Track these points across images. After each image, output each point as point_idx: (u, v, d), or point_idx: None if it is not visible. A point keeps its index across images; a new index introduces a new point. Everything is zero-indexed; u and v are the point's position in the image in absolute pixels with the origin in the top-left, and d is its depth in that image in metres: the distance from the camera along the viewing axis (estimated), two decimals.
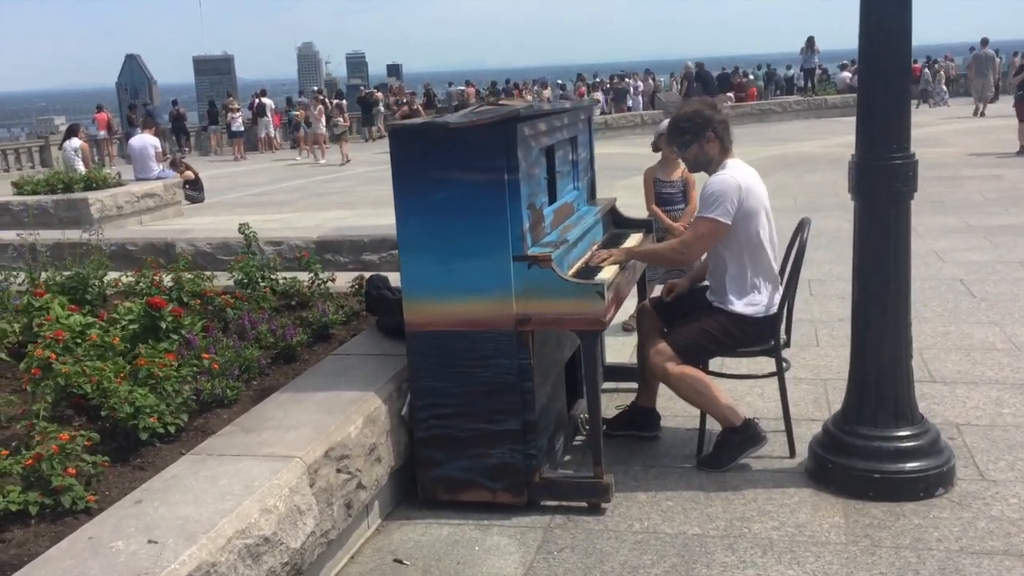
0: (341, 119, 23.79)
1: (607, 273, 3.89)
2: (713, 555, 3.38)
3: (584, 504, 3.76)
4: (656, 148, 6.05)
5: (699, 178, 4.40)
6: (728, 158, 4.09)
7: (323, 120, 23.98)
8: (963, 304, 6.54)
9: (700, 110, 4.11)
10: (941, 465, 3.73)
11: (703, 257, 4.25)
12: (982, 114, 23.73)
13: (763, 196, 4.04)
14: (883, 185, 3.64)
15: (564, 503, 3.80)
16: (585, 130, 4.76)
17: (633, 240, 4.68)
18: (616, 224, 4.97)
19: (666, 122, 4.94)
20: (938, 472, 3.71)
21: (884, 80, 3.60)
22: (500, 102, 4.17)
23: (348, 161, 21.84)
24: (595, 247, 4.34)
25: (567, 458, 4.29)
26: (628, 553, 3.43)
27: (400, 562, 3.46)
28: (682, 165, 5.37)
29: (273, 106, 29.29)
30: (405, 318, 3.73)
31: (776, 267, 4.15)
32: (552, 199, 4.14)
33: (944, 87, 30.66)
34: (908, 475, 3.68)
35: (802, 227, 4.21)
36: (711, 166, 4.09)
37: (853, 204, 3.79)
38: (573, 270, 3.91)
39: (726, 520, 3.63)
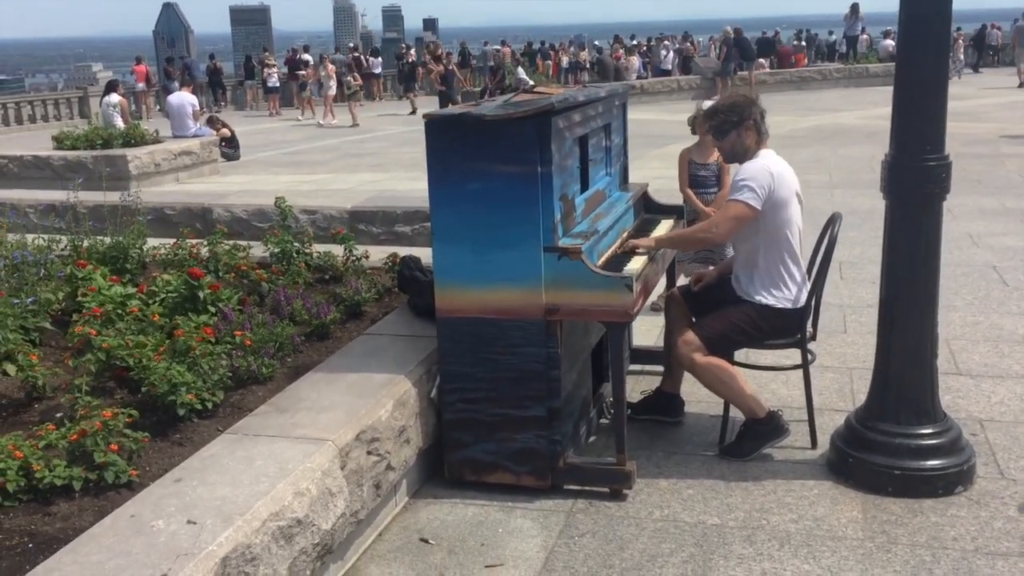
0: (351, 79, 23.66)
1: (636, 264, 3.94)
2: (731, 546, 3.46)
3: (606, 490, 3.85)
4: (693, 131, 6.05)
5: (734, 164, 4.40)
6: (763, 149, 4.11)
7: (334, 80, 23.84)
8: (995, 293, 6.50)
9: (740, 100, 4.16)
10: (961, 464, 3.77)
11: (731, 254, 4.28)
12: None
13: (794, 187, 4.06)
14: (915, 186, 3.64)
15: (587, 487, 3.88)
16: (619, 116, 4.78)
17: (664, 227, 4.71)
18: (647, 210, 5.00)
19: (707, 103, 4.93)
20: (958, 471, 3.75)
21: (920, 80, 3.59)
22: (537, 89, 4.19)
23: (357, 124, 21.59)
24: (626, 234, 4.38)
25: (592, 439, 4.37)
26: (647, 541, 3.51)
27: (426, 541, 3.57)
28: None
29: (310, 61, 29.23)
30: (436, 303, 3.80)
31: (804, 258, 4.17)
32: (584, 187, 4.17)
33: (961, 56, 28.76)
34: (928, 473, 3.73)
35: (833, 221, 4.22)
36: (746, 156, 4.10)
37: (884, 202, 3.80)
38: (603, 259, 3.95)
39: (745, 511, 3.70)
